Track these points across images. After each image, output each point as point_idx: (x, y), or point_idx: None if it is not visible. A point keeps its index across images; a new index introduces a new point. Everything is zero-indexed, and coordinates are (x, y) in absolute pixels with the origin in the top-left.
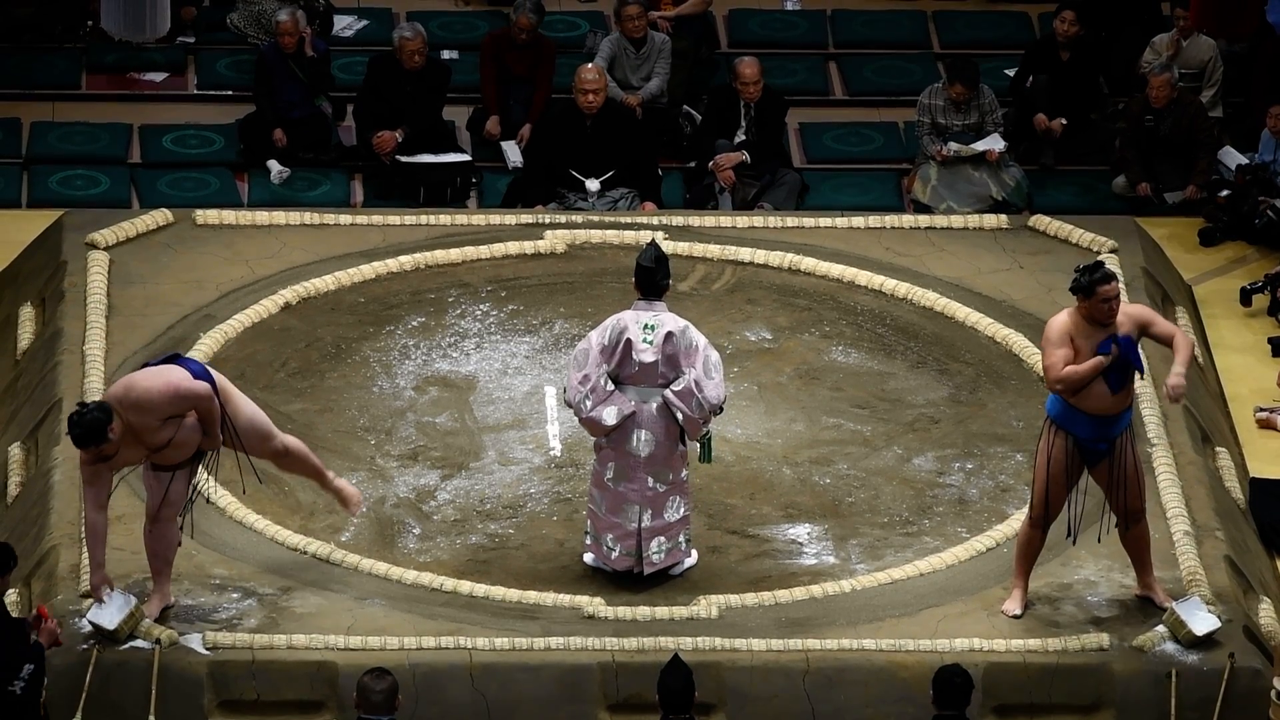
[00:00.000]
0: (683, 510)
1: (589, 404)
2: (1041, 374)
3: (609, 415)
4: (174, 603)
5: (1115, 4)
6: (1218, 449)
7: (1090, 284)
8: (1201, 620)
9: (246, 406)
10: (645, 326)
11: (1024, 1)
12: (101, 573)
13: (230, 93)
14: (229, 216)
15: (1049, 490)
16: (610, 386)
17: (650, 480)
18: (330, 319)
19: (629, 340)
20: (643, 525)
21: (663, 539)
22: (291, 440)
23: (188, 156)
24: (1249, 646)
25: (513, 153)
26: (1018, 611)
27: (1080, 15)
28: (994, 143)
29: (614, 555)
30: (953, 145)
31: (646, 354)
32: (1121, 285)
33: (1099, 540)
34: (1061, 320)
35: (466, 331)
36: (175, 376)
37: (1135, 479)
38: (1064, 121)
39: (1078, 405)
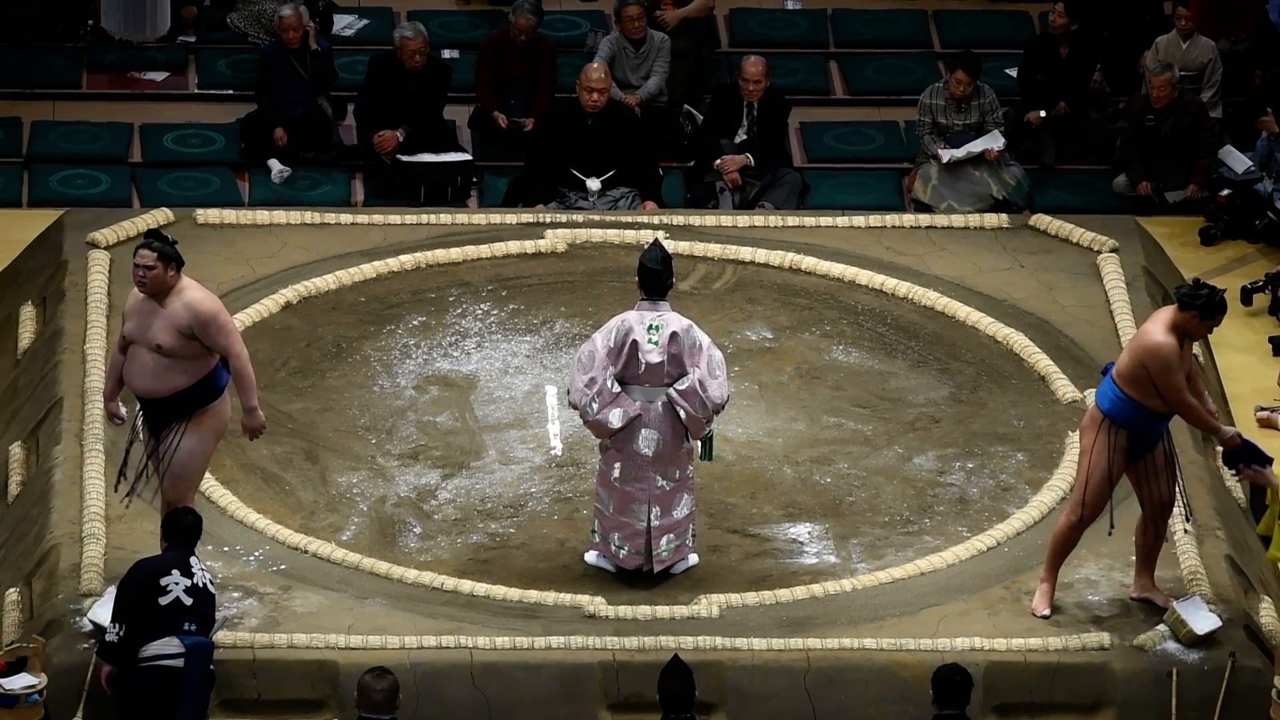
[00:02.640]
0: (689, 507)
1: (595, 407)
2: (1042, 375)
3: (615, 418)
4: None
5: (1117, 3)
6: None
7: (1214, 308)
8: (1202, 619)
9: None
10: (650, 327)
11: (1024, 0)
12: (111, 403)
13: (231, 92)
14: (230, 216)
15: (1104, 489)
16: (616, 389)
17: (659, 479)
18: (331, 318)
19: (634, 341)
20: (652, 523)
21: (671, 535)
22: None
23: (188, 156)
24: (1250, 646)
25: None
26: (1046, 611)
27: (1078, 11)
28: (993, 140)
29: (623, 554)
30: (951, 153)
31: (653, 354)
32: None
33: (1108, 533)
34: (1174, 344)
35: (467, 331)
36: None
37: (1172, 469)
38: (1065, 107)
39: (1153, 405)
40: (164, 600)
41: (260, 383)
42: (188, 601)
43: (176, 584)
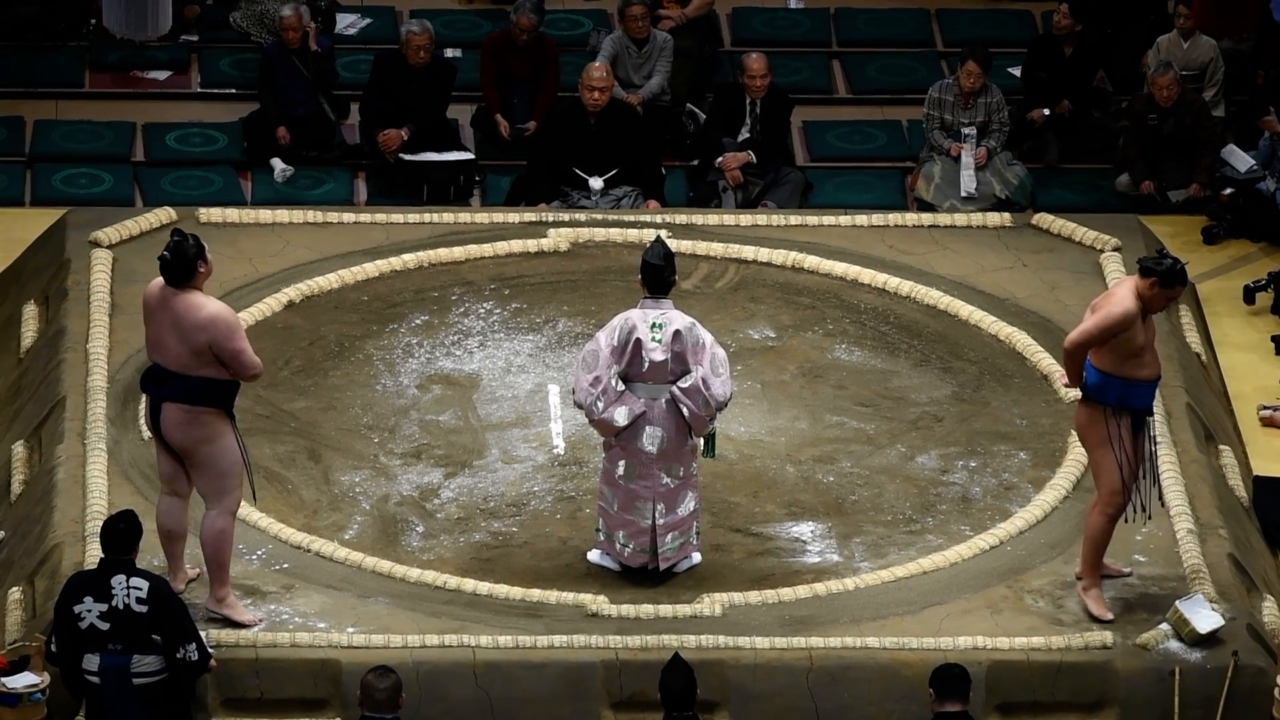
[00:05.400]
0: (693, 505)
1: (600, 405)
2: (1045, 374)
3: (620, 416)
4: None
5: (1120, 2)
6: (1221, 447)
7: (1174, 277)
8: (1205, 618)
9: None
10: (653, 325)
11: None
12: None
13: (233, 91)
14: (232, 215)
15: (1131, 474)
16: (620, 387)
17: (663, 476)
18: (334, 317)
19: (638, 340)
20: (657, 521)
21: (676, 533)
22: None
23: (191, 155)
24: (1252, 644)
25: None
26: (1110, 615)
27: (1080, 11)
28: (969, 156)
29: (627, 552)
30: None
31: (656, 353)
32: None
33: (1149, 514)
34: (1130, 309)
35: (470, 330)
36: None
37: (1140, 458)
38: (1068, 105)
39: (1143, 376)
40: (81, 625)
41: (264, 381)
42: (103, 627)
43: (89, 611)
